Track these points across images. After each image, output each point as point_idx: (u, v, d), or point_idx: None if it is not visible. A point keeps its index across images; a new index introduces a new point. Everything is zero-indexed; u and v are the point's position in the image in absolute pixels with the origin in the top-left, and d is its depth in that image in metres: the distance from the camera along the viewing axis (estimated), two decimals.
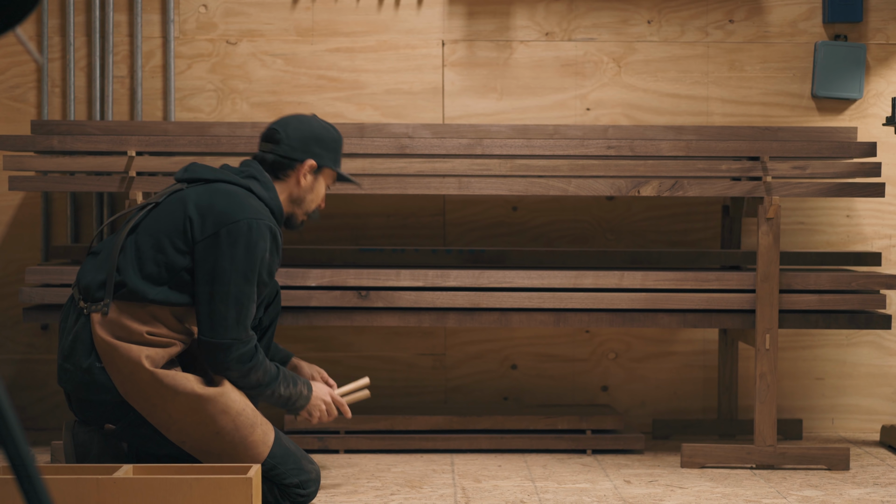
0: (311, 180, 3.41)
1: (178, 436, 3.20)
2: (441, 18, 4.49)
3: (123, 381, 3.16)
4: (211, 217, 3.20)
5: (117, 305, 3.18)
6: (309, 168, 3.39)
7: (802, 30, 4.51)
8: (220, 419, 3.19)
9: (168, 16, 4.45)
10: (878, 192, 3.92)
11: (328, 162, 3.42)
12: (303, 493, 3.30)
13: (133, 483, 2.87)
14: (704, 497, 3.50)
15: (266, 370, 3.24)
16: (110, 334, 3.16)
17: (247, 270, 3.19)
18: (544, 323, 3.93)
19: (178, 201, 3.26)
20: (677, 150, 3.91)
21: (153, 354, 3.16)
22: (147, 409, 3.18)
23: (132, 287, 3.17)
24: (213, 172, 3.32)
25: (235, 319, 3.18)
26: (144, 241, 3.22)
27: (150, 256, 3.20)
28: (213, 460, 3.24)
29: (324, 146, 3.41)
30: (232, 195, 3.24)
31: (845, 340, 4.56)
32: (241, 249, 3.18)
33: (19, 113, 4.46)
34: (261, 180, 3.34)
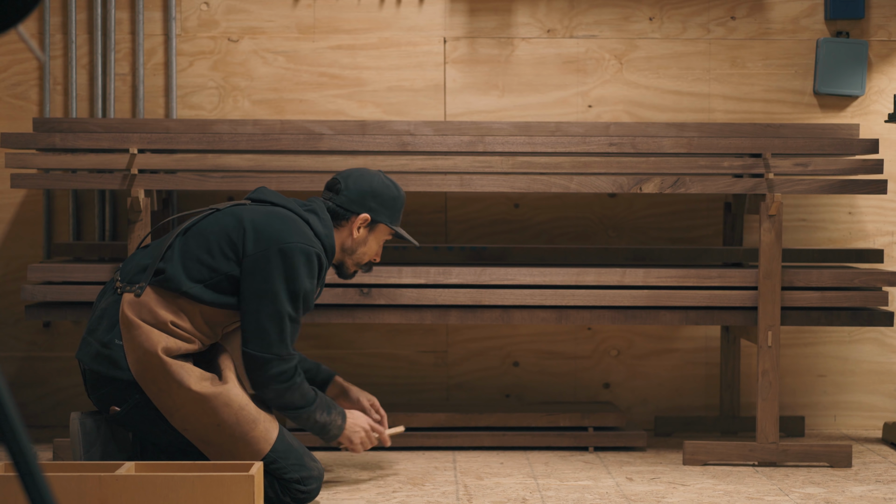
0: (365, 234, 3.51)
1: (181, 423, 3.24)
2: (442, 15, 4.49)
3: (136, 361, 3.22)
4: (265, 235, 3.29)
5: (151, 290, 3.27)
6: (363, 221, 3.48)
7: (804, 26, 4.51)
8: (221, 412, 3.23)
9: (170, 13, 4.45)
10: (880, 188, 3.91)
11: (383, 218, 3.50)
12: (303, 489, 3.30)
13: (135, 481, 2.87)
14: (706, 494, 3.50)
15: (303, 394, 3.33)
16: (136, 315, 3.25)
17: (293, 291, 3.27)
18: (546, 320, 3.93)
19: (237, 212, 3.36)
20: (679, 147, 3.91)
21: (171, 345, 3.23)
22: (153, 392, 3.22)
23: (170, 275, 3.27)
24: (278, 198, 3.43)
25: (278, 337, 3.27)
26: (194, 241, 3.32)
27: (196, 255, 3.30)
28: (212, 451, 3.26)
29: (381, 202, 3.49)
30: (289, 220, 3.33)
31: (847, 337, 4.56)
32: (291, 271, 3.27)
33: (21, 111, 4.46)
34: (321, 217, 3.43)
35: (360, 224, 3.48)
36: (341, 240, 3.49)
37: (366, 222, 3.49)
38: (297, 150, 3.89)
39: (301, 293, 3.28)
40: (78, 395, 4.49)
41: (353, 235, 3.49)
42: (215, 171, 3.86)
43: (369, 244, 3.52)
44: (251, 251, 3.28)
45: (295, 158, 3.90)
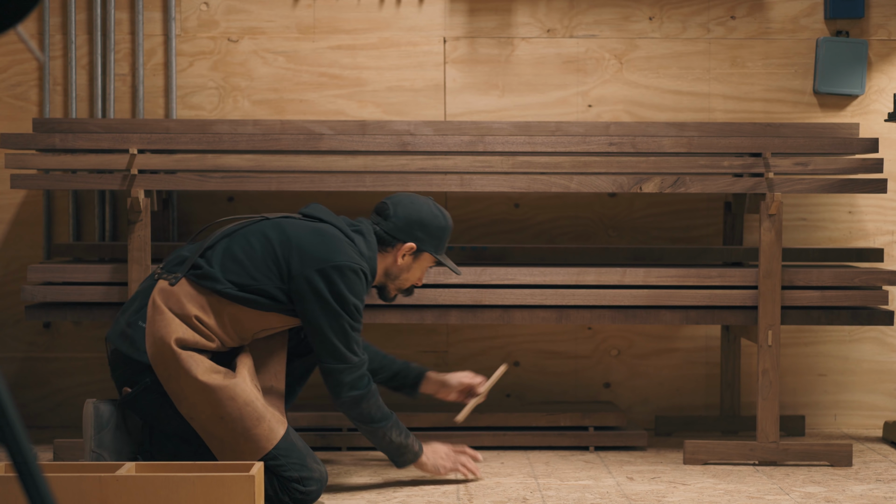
0: (410, 261, 3.55)
1: (188, 411, 3.27)
2: (442, 15, 4.49)
3: (152, 345, 3.27)
4: (312, 254, 3.34)
5: (186, 282, 3.34)
6: (408, 250, 3.53)
7: (804, 26, 4.51)
8: (226, 405, 3.25)
9: (169, 13, 4.45)
10: (880, 188, 3.91)
11: (429, 248, 3.54)
12: (302, 489, 3.29)
13: (135, 481, 2.87)
14: (707, 494, 3.50)
15: (378, 406, 3.42)
16: (164, 302, 3.31)
17: (348, 305, 3.34)
18: (546, 320, 3.93)
19: (284, 227, 3.42)
20: (679, 146, 3.91)
21: (188, 338, 3.28)
22: (164, 377, 3.27)
23: (207, 271, 3.33)
24: (328, 215, 3.48)
25: (345, 347, 3.35)
26: (238, 246, 3.38)
27: (237, 259, 3.35)
28: (215, 444, 3.27)
29: (427, 232, 3.53)
30: (335, 238, 3.39)
31: (847, 337, 4.56)
32: (343, 289, 3.33)
33: (21, 111, 4.46)
34: (367, 239, 3.48)
35: (405, 252, 3.53)
36: (385, 265, 3.54)
37: (411, 251, 3.53)
38: (297, 150, 3.89)
39: (353, 306, 3.35)
40: (79, 395, 4.49)
41: (397, 262, 3.54)
42: (215, 171, 3.86)
43: (413, 271, 3.57)
44: (296, 271, 3.33)
45: (295, 158, 3.90)
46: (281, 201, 4.49)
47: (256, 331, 3.39)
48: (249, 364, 3.36)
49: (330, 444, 4.08)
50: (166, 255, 4.18)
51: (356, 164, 3.89)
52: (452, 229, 3.65)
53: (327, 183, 3.86)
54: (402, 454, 3.50)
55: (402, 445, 3.49)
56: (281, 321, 3.40)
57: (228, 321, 3.34)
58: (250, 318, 3.35)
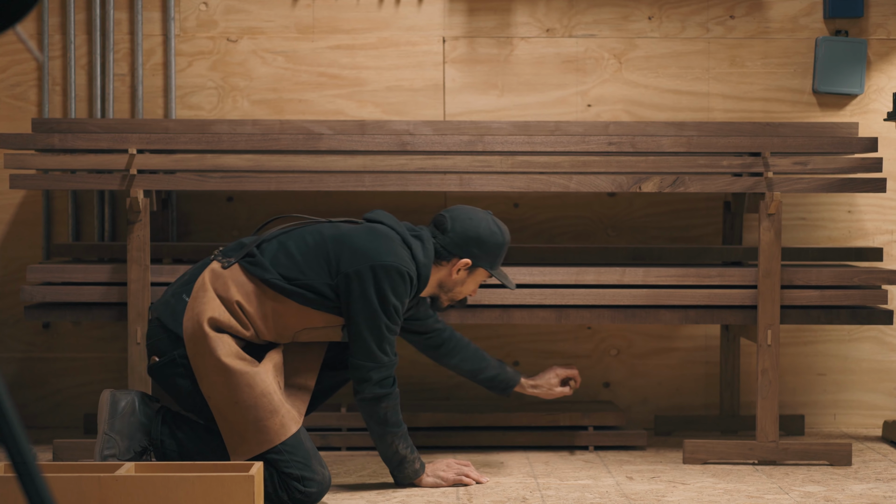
0: (464, 275, 3.59)
1: (208, 389, 3.33)
2: (442, 15, 4.49)
3: (190, 319, 3.35)
4: (361, 252, 3.40)
5: (238, 268, 3.41)
6: (463, 265, 3.57)
7: (803, 25, 4.51)
8: (242, 391, 3.30)
9: (169, 13, 4.45)
10: (879, 187, 3.91)
11: (484, 264, 3.57)
12: (302, 489, 3.29)
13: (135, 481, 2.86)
14: (706, 493, 3.50)
15: (396, 410, 3.46)
16: (212, 283, 3.39)
17: (387, 304, 3.38)
18: (546, 319, 3.93)
19: (342, 228, 3.49)
20: (678, 146, 3.91)
21: (223, 320, 3.35)
22: (192, 353, 3.34)
23: (259, 260, 3.40)
24: (390, 220, 3.54)
25: (377, 346, 3.40)
26: (294, 242, 3.45)
27: (290, 254, 3.42)
28: (225, 427, 3.31)
29: (484, 249, 3.56)
30: (389, 239, 3.44)
31: (847, 336, 4.55)
32: (385, 286, 3.37)
33: (20, 111, 4.46)
34: (425, 246, 3.52)
35: (460, 267, 3.56)
36: (440, 277, 3.57)
37: (466, 266, 3.56)
38: (296, 150, 3.89)
39: (393, 307, 3.39)
40: (78, 395, 4.49)
41: (452, 276, 3.57)
42: (214, 171, 3.86)
43: (467, 284, 3.60)
44: (345, 267, 3.39)
45: (294, 158, 3.90)
46: (280, 201, 4.49)
47: (297, 329, 3.42)
48: (277, 360, 3.40)
49: (329, 444, 4.08)
50: (166, 256, 4.19)
51: (355, 164, 3.89)
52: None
53: (326, 183, 3.86)
54: (403, 467, 3.51)
55: (406, 459, 3.50)
56: (323, 319, 3.43)
57: (271, 313, 3.39)
58: (293, 312, 3.40)
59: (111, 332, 4.48)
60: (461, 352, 3.80)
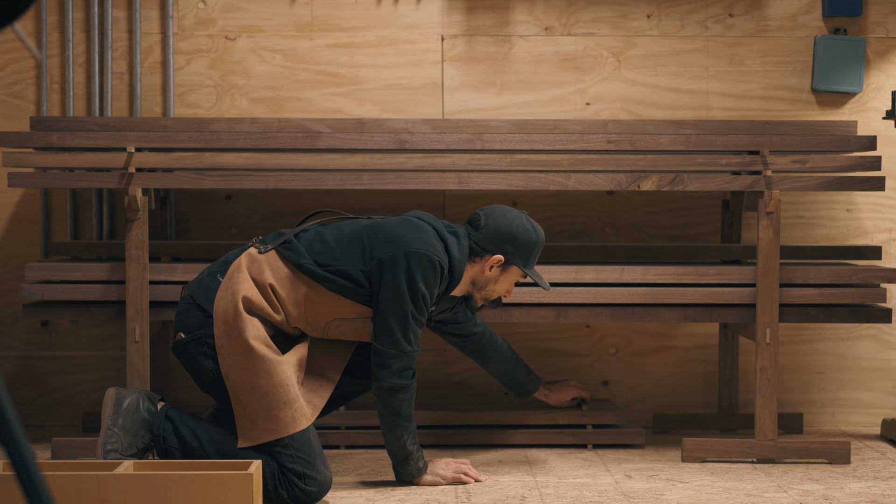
0: (497, 273, 3.58)
1: (227, 369, 3.35)
2: (440, 13, 4.49)
3: (223, 298, 3.38)
4: (395, 240, 3.43)
5: (275, 254, 3.45)
6: (496, 262, 3.56)
7: (802, 24, 4.51)
8: (261, 376, 3.32)
9: (167, 12, 4.44)
10: (878, 185, 3.91)
11: (517, 261, 3.57)
12: (302, 486, 3.29)
13: (133, 479, 2.86)
14: (705, 491, 3.50)
15: (410, 404, 3.47)
16: (248, 265, 3.43)
17: (416, 292, 3.39)
18: (544, 318, 3.93)
19: (378, 220, 3.53)
20: (677, 144, 3.90)
21: (255, 300, 3.38)
22: (220, 332, 3.36)
23: (294, 245, 3.44)
24: (427, 216, 3.56)
25: (402, 333, 3.40)
26: (330, 232, 3.50)
27: (326, 240, 3.47)
28: (239, 409, 3.32)
29: (517, 246, 3.55)
30: (423, 231, 3.46)
31: (846, 334, 4.56)
32: (415, 274, 3.38)
33: (18, 109, 4.46)
34: (460, 242, 3.54)
35: (493, 264, 3.56)
36: (473, 274, 3.57)
37: (499, 263, 3.56)
38: (294, 148, 3.89)
39: (421, 295, 3.40)
40: (77, 393, 4.49)
41: (484, 273, 3.57)
42: (213, 169, 3.86)
43: (500, 283, 3.60)
44: (378, 252, 3.41)
45: (293, 157, 3.90)
46: (279, 199, 4.49)
47: (328, 319, 3.44)
48: (303, 354, 3.43)
49: (328, 443, 4.08)
50: (164, 254, 4.18)
51: (354, 163, 3.89)
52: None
53: (325, 181, 3.86)
54: (407, 464, 3.51)
55: (411, 455, 3.50)
56: (353, 310, 3.45)
57: (303, 299, 3.42)
58: (324, 299, 3.42)
59: (110, 330, 4.48)
60: (498, 355, 3.93)
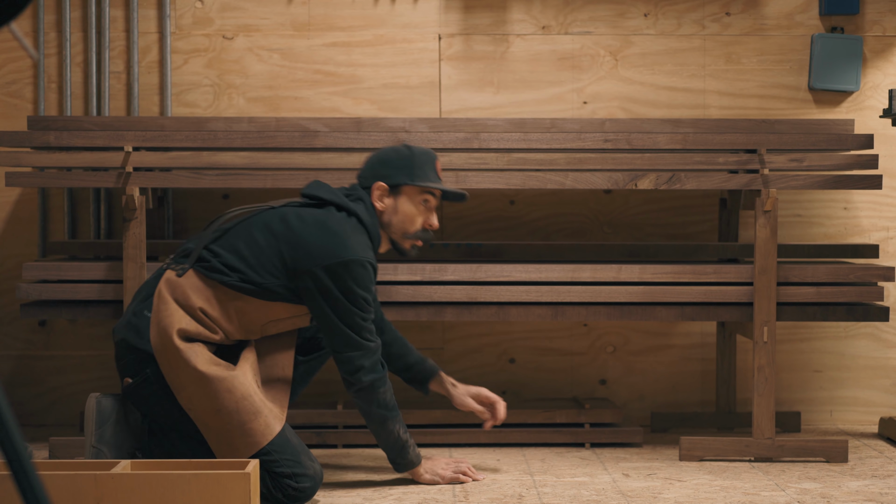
0: (391, 202, 3.50)
1: (187, 402, 3.28)
2: (437, 12, 4.49)
3: (156, 335, 3.29)
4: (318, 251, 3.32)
5: (193, 273, 3.35)
6: (380, 190, 3.49)
7: (799, 22, 4.51)
8: (223, 397, 3.26)
9: (164, 11, 4.44)
10: (875, 184, 3.92)
11: (401, 179, 3.48)
12: (295, 486, 3.28)
13: (131, 479, 2.86)
14: (703, 490, 3.50)
15: (391, 394, 3.41)
16: (170, 293, 3.33)
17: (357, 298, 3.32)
18: (542, 317, 3.93)
19: (290, 215, 3.40)
20: (674, 143, 3.91)
21: (190, 329, 3.29)
22: (166, 368, 3.28)
23: (214, 264, 3.33)
24: (329, 194, 3.45)
25: (357, 333, 3.34)
26: (243, 239, 3.37)
27: (242, 254, 3.35)
28: (211, 436, 3.28)
29: (390, 166, 3.49)
30: (339, 230, 3.35)
31: (843, 333, 4.56)
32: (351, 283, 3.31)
33: (15, 109, 4.46)
34: (366, 203, 3.47)
35: (379, 194, 3.48)
36: (378, 218, 3.50)
37: (384, 190, 3.48)
38: (292, 147, 3.89)
39: (362, 299, 3.34)
40: (74, 393, 4.49)
41: (380, 208, 3.49)
42: (210, 168, 3.86)
43: (402, 211, 3.50)
44: (302, 268, 3.32)
45: (290, 156, 3.90)
46: (276, 198, 4.48)
47: (263, 322, 3.39)
48: (253, 359, 3.37)
49: (325, 442, 4.08)
50: (162, 253, 4.18)
51: (351, 161, 3.89)
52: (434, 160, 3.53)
53: (323, 180, 3.85)
54: (406, 452, 3.49)
55: (407, 443, 3.48)
56: (287, 310, 3.40)
57: (234, 313, 3.35)
58: (256, 308, 3.36)
59: (107, 329, 4.48)
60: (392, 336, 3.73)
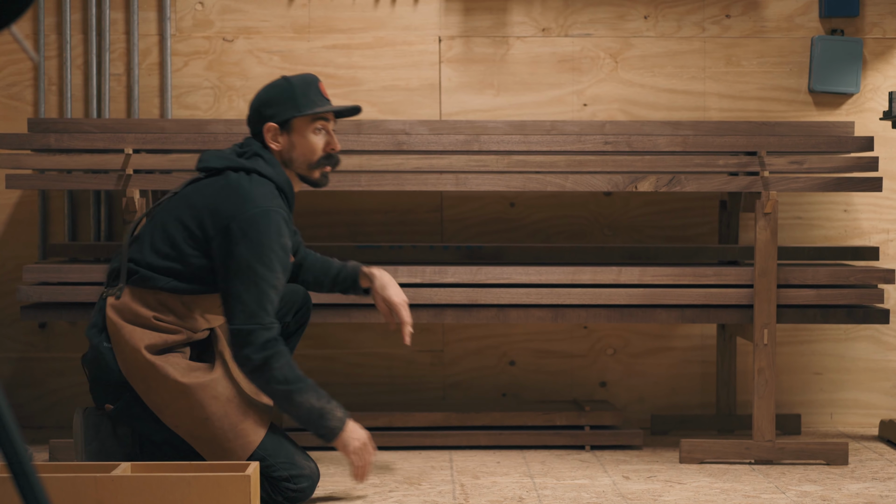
0: (286, 139, 3.36)
1: (172, 420, 3.23)
2: (437, 14, 4.49)
3: (124, 361, 3.23)
4: (222, 213, 3.23)
5: (130, 290, 3.28)
6: (271, 132, 3.36)
7: (799, 24, 4.51)
8: (209, 405, 3.22)
9: (164, 13, 4.44)
10: (875, 186, 3.92)
11: (286, 113, 3.35)
12: (293, 487, 3.28)
13: (131, 481, 2.86)
14: (703, 492, 3.50)
15: (292, 366, 3.21)
16: (120, 317, 3.26)
17: (262, 256, 3.19)
18: (542, 319, 3.93)
19: (191, 194, 3.31)
20: (674, 145, 3.91)
21: (156, 341, 3.23)
22: (143, 391, 3.23)
23: (144, 274, 3.26)
24: (221, 160, 3.33)
25: (257, 304, 3.19)
26: (159, 236, 3.29)
27: (162, 246, 3.28)
28: (204, 446, 3.25)
29: (274, 104, 3.35)
30: (239, 187, 3.26)
31: (843, 335, 4.56)
32: (255, 238, 3.19)
33: (16, 111, 4.46)
34: (264, 156, 3.34)
35: (271, 135, 3.36)
36: (278, 158, 3.36)
37: (275, 130, 3.36)
38: None
39: (270, 255, 3.20)
40: (74, 395, 4.49)
41: (277, 148, 3.36)
42: None
43: (299, 144, 3.37)
44: (213, 233, 3.23)
45: None
46: None
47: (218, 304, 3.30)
48: (228, 353, 3.32)
49: (325, 444, 4.07)
50: None
51: (351, 164, 3.89)
52: (315, 82, 3.38)
53: None
54: (325, 419, 3.22)
55: (324, 409, 3.22)
56: None
57: (185, 307, 3.29)
58: (200, 298, 3.30)
59: None
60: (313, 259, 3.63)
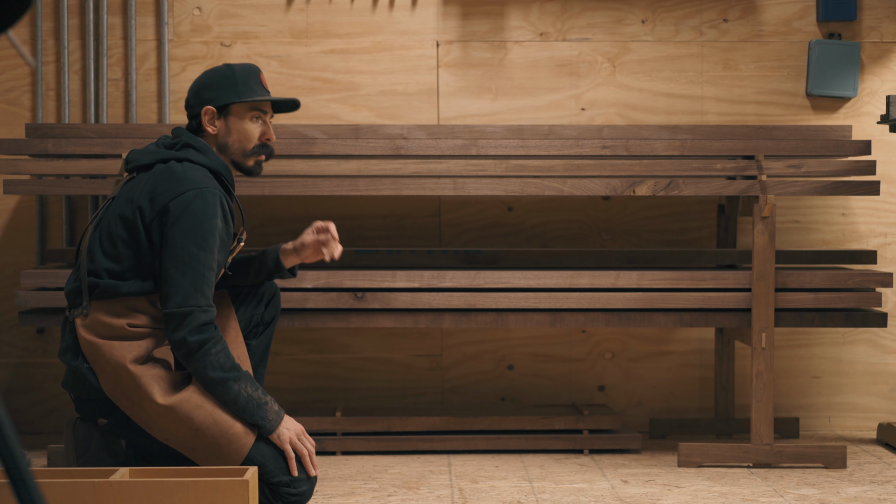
0: (223, 124, 3.34)
1: (162, 434, 3.22)
2: (435, 19, 4.49)
3: (107, 380, 3.20)
4: (157, 199, 3.21)
5: (95, 305, 3.23)
6: (209, 115, 3.34)
7: (796, 28, 4.51)
8: (196, 415, 3.19)
9: (162, 18, 4.44)
10: (873, 190, 3.92)
11: (227, 98, 3.33)
12: (293, 491, 3.28)
13: (129, 486, 2.86)
14: (701, 496, 3.50)
15: (228, 354, 3.18)
16: (94, 334, 3.22)
17: (198, 238, 3.17)
18: (540, 323, 3.93)
19: (128, 191, 3.28)
20: (672, 149, 3.91)
21: (138, 352, 3.20)
22: (128, 408, 3.21)
23: (106, 285, 3.22)
24: (149, 156, 3.31)
25: (193, 286, 3.16)
26: (106, 238, 3.26)
27: (114, 251, 3.24)
28: (198, 455, 3.23)
29: (214, 87, 3.33)
30: (171, 173, 3.23)
31: (841, 339, 4.56)
32: (189, 219, 3.17)
33: (13, 116, 4.46)
34: (195, 146, 3.31)
35: (209, 118, 3.33)
36: (213, 144, 3.34)
37: (213, 114, 3.34)
38: (290, 154, 3.89)
39: (207, 237, 3.17)
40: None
41: (212, 133, 3.33)
42: None
43: (235, 130, 3.34)
44: (148, 221, 3.21)
45: (288, 163, 3.90)
46: (274, 205, 4.49)
47: None
48: None
49: (324, 449, 4.08)
50: None
51: (349, 168, 3.89)
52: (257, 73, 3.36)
53: (320, 187, 3.86)
54: (264, 409, 3.20)
55: (260, 400, 3.20)
56: None
57: (154, 307, 3.25)
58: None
59: None
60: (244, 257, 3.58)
